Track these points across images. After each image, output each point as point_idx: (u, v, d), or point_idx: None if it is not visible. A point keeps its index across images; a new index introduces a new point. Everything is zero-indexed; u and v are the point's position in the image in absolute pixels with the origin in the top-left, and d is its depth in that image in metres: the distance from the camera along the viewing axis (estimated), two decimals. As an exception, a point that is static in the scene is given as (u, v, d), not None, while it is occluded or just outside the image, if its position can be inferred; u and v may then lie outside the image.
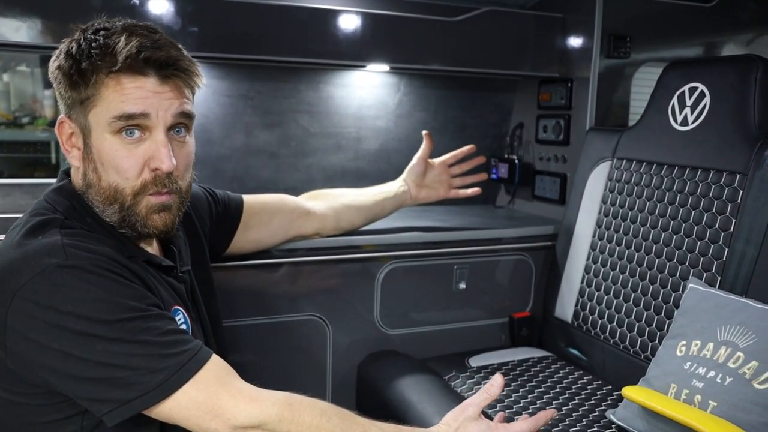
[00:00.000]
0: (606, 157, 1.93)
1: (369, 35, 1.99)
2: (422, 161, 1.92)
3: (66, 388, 1.02)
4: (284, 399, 1.08)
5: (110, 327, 0.99)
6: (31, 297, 0.99)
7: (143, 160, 1.09)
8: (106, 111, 1.07)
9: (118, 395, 1.00)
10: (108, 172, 1.09)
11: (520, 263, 2.14)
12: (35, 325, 0.99)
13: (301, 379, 1.90)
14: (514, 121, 2.54)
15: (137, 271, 1.11)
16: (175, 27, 1.76)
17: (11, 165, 3.14)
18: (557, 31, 2.25)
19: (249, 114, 2.20)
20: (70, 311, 0.98)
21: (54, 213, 1.11)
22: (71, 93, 1.09)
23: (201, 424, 1.03)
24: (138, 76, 1.07)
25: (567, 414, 1.58)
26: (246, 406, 1.04)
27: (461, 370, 1.84)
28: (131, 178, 1.09)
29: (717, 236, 1.56)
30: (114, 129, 1.07)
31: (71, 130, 1.12)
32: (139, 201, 1.11)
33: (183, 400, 1.02)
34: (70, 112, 1.11)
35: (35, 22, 1.65)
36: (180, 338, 1.05)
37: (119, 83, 1.06)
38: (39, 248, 1.03)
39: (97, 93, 1.07)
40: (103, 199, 1.11)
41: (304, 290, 1.87)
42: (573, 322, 1.94)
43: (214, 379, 1.04)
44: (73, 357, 0.98)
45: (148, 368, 1.00)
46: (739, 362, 1.29)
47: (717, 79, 1.66)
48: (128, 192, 1.10)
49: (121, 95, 1.06)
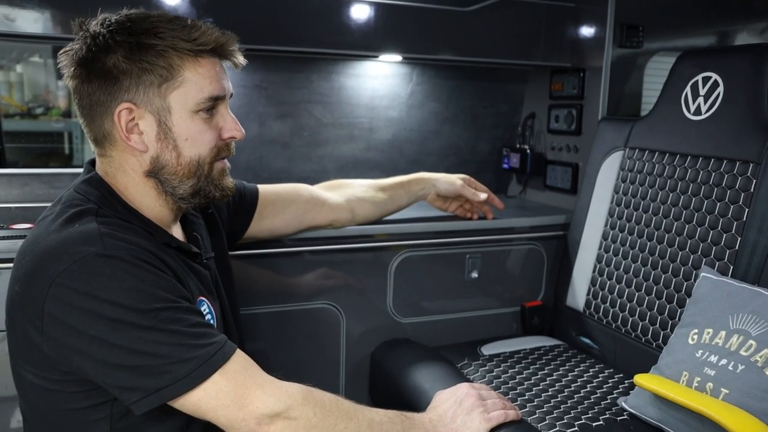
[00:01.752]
0: (618, 147, 1.93)
1: (381, 25, 1.99)
2: (462, 194, 1.94)
3: (99, 375, 1.04)
4: (302, 386, 1.14)
5: (144, 315, 1.02)
6: (69, 284, 1.01)
7: (217, 131, 1.20)
8: (195, 92, 1.15)
9: (147, 383, 1.02)
10: (191, 147, 1.17)
11: (531, 252, 2.15)
12: (72, 312, 1.01)
13: (314, 367, 1.92)
14: (525, 111, 2.55)
15: (168, 261, 1.14)
16: (191, 18, 1.77)
17: (26, 155, 3.16)
18: (569, 21, 2.25)
19: (262, 104, 2.22)
20: (107, 299, 1.00)
21: (87, 203, 1.13)
22: (141, 78, 1.11)
23: (228, 414, 1.05)
24: (211, 57, 1.17)
25: (579, 402, 1.59)
26: (273, 392, 1.08)
27: (473, 358, 1.85)
28: (211, 149, 1.20)
29: (729, 225, 1.56)
30: (199, 108, 1.16)
31: (133, 115, 1.13)
32: (213, 168, 1.22)
33: (212, 390, 1.04)
34: (134, 98, 1.12)
35: (49, 13, 1.67)
36: (207, 331, 1.08)
37: (201, 65, 1.15)
38: (76, 236, 1.05)
39: (179, 75, 1.13)
40: (182, 175, 1.18)
41: (318, 279, 1.89)
42: (585, 310, 1.95)
43: (242, 370, 1.08)
44: (107, 343, 1.01)
45: (178, 357, 1.02)
46: (751, 350, 1.30)
47: (730, 69, 1.66)
48: (207, 161, 1.20)
49: (204, 77, 1.15)
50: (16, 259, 1.12)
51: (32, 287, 1.04)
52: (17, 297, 1.08)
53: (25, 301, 1.06)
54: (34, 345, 1.06)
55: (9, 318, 1.12)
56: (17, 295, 1.08)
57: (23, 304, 1.06)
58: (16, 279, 1.09)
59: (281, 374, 1.14)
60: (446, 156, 2.53)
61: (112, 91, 1.12)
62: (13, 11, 1.63)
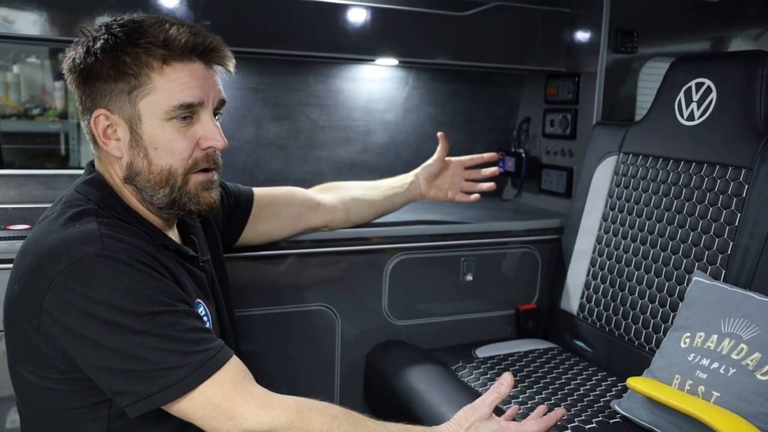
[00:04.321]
0: (612, 152, 1.94)
1: (378, 29, 2.01)
2: (438, 162, 1.93)
3: (93, 376, 1.05)
4: (295, 406, 1.09)
5: (139, 319, 1.01)
6: (67, 284, 1.01)
7: (194, 141, 1.15)
8: (164, 100, 1.11)
9: (138, 388, 1.02)
10: (161, 156, 1.14)
11: (526, 256, 2.16)
12: (69, 311, 1.02)
13: (309, 369, 1.93)
14: (521, 115, 2.56)
15: (167, 263, 1.14)
16: (187, 21, 1.77)
17: (22, 156, 3.16)
18: (564, 26, 2.26)
19: (259, 107, 2.23)
20: (103, 300, 1.01)
21: (87, 203, 1.14)
22: (114, 85, 1.11)
23: (214, 425, 1.06)
24: (188, 63, 1.12)
25: (572, 404, 1.60)
26: (258, 411, 1.06)
27: (468, 361, 1.86)
28: (184, 159, 1.15)
29: (722, 230, 1.57)
30: (170, 116, 1.12)
31: (108, 122, 1.14)
32: (188, 180, 1.16)
33: (199, 400, 1.04)
34: (108, 104, 1.13)
35: (46, 15, 1.67)
36: (203, 337, 1.08)
37: (173, 71, 1.11)
38: (77, 236, 1.06)
39: (148, 82, 1.10)
40: (154, 183, 1.15)
41: (313, 281, 1.90)
42: (578, 314, 1.96)
43: (231, 382, 1.06)
44: (101, 346, 1.01)
45: (170, 364, 1.02)
46: (742, 354, 1.31)
47: (724, 75, 1.67)
48: (180, 172, 1.15)
49: (177, 84, 1.11)
50: (16, 258, 1.12)
51: (31, 286, 1.05)
52: (16, 296, 1.08)
53: (23, 300, 1.06)
54: (32, 343, 1.07)
55: (7, 317, 1.13)
56: (16, 294, 1.08)
57: (22, 303, 1.07)
58: (16, 278, 1.09)
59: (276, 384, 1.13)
60: (442, 159, 2.53)
61: (94, 97, 1.13)
62: (12, 13, 1.63)
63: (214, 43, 1.15)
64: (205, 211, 1.22)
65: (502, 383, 1.28)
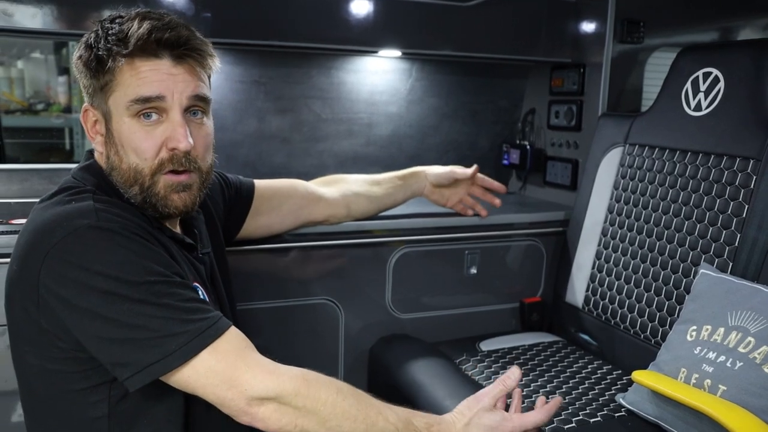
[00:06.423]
0: (618, 143, 1.92)
1: (381, 21, 1.99)
2: (455, 176, 1.91)
3: (92, 348, 1.05)
4: (301, 375, 1.10)
5: (136, 288, 1.01)
6: (63, 256, 1.02)
7: (161, 140, 1.12)
8: (123, 95, 1.10)
9: (138, 358, 1.02)
10: (128, 154, 1.13)
11: (531, 249, 2.15)
12: (66, 283, 1.02)
13: (313, 363, 1.88)
14: (525, 107, 2.54)
15: (163, 241, 1.15)
16: (189, 13, 1.77)
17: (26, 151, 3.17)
18: (570, 16, 2.24)
19: (261, 99, 2.21)
20: (99, 271, 1.01)
21: (84, 187, 1.15)
22: (92, 81, 1.13)
23: (218, 393, 1.05)
24: (152, 58, 1.10)
25: (577, 398, 1.59)
26: (263, 378, 1.06)
27: (472, 354, 1.85)
28: (149, 158, 1.12)
29: (729, 222, 1.55)
30: (132, 112, 1.11)
31: (95, 117, 1.16)
32: (157, 181, 1.14)
33: (201, 368, 1.04)
34: (92, 100, 1.16)
35: (51, 8, 1.67)
36: (201, 307, 1.08)
37: (134, 67, 1.10)
38: (72, 210, 1.06)
39: (114, 78, 1.11)
40: (124, 180, 1.14)
41: (317, 274, 1.89)
42: (584, 307, 1.95)
43: (233, 350, 1.06)
44: (99, 317, 1.01)
45: (169, 331, 1.02)
46: (749, 347, 1.30)
47: (731, 64, 1.65)
48: (147, 172, 1.13)
49: (137, 79, 1.09)
50: (15, 243, 1.12)
51: (28, 261, 1.05)
52: (15, 275, 1.09)
53: (22, 276, 1.07)
54: (32, 320, 1.07)
55: (8, 298, 1.13)
56: (15, 274, 1.08)
57: (20, 280, 1.07)
58: (14, 258, 1.10)
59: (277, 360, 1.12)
60: (446, 152, 2.52)
61: (86, 92, 1.16)
62: (11, 6, 1.63)
63: (181, 37, 1.10)
64: (175, 214, 1.18)
65: (509, 376, 1.28)
